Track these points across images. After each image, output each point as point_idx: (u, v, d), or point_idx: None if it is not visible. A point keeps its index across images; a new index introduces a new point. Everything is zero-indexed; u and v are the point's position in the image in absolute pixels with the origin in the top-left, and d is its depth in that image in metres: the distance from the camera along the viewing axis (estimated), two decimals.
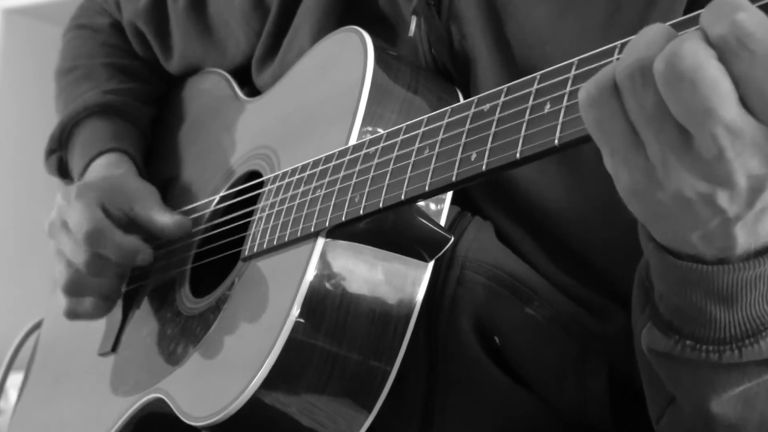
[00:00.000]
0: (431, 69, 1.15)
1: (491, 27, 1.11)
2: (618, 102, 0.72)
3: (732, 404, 0.84)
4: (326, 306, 1.02)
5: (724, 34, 0.66)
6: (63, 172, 1.50)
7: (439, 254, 1.06)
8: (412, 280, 1.05)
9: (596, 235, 1.05)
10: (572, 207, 1.06)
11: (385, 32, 1.18)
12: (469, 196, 1.10)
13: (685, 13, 0.96)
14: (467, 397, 1.08)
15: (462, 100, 1.11)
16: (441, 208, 1.06)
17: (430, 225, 1.04)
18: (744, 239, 0.75)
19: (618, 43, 0.78)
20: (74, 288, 1.28)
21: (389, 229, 1.03)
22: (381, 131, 1.05)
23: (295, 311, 1.01)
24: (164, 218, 1.29)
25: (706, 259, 0.78)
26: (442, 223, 1.06)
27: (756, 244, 0.76)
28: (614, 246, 1.03)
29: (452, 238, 1.05)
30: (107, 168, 1.39)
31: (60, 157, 1.49)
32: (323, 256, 1.03)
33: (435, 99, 1.11)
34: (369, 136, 1.04)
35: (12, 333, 1.57)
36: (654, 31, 0.70)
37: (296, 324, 1.01)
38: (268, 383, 1.01)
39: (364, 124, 1.07)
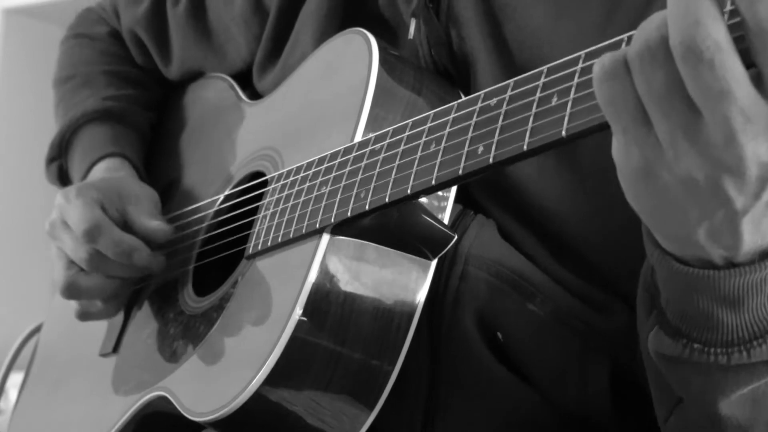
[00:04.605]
0: (432, 71, 1.15)
1: (489, 29, 1.12)
2: (629, 78, 0.73)
3: (740, 405, 0.84)
4: (330, 303, 1.02)
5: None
6: (63, 180, 1.50)
7: (443, 253, 1.06)
8: (415, 278, 1.05)
9: (596, 231, 1.06)
10: (572, 204, 1.06)
11: (386, 35, 1.19)
12: (471, 194, 1.11)
13: None
14: (469, 393, 1.09)
15: None
16: (445, 206, 1.07)
17: (434, 223, 1.05)
18: (750, 236, 0.75)
19: (625, 35, 0.79)
20: (70, 289, 1.28)
21: (394, 227, 1.04)
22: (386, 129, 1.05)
23: (299, 308, 1.01)
24: (148, 223, 1.29)
25: (713, 261, 0.78)
26: (446, 221, 1.07)
27: (762, 242, 0.76)
28: (614, 242, 1.04)
29: (456, 237, 1.06)
30: (107, 172, 1.40)
31: (60, 165, 1.49)
32: (327, 254, 1.03)
33: (438, 101, 1.12)
34: (374, 134, 1.05)
35: (13, 335, 1.57)
36: (665, 14, 0.71)
37: (300, 321, 1.01)
38: (271, 379, 1.01)
39: (368, 124, 1.07)
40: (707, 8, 0.68)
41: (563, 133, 0.81)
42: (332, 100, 1.14)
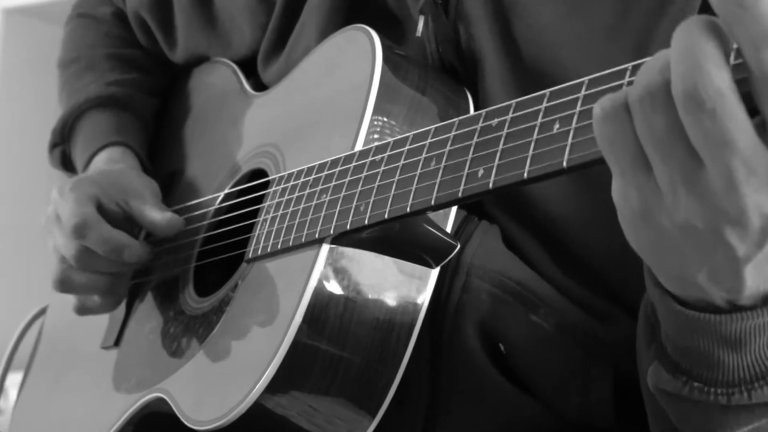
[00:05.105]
0: (438, 68, 1.13)
1: (498, 28, 1.09)
2: (630, 122, 0.71)
3: None
4: (329, 312, 1.01)
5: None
6: (67, 165, 1.49)
7: (445, 261, 1.05)
8: (416, 288, 1.04)
9: (602, 240, 1.04)
10: (578, 212, 1.05)
11: (393, 30, 1.17)
12: None
13: None
14: (471, 403, 1.08)
15: (470, 100, 1.11)
16: (447, 216, 1.05)
17: (436, 232, 1.03)
18: (753, 281, 0.73)
19: (630, 65, 0.77)
20: (62, 284, 1.27)
21: (395, 237, 1.02)
22: (388, 132, 1.04)
23: (299, 317, 1.00)
24: (155, 215, 1.27)
25: (714, 302, 0.76)
26: (448, 229, 1.05)
27: (765, 286, 0.74)
28: (620, 252, 1.01)
29: (458, 246, 1.04)
30: (108, 163, 1.38)
31: (63, 151, 1.48)
32: (327, 263, 1.02)
33: (442, 99, 1.10)
34: (376, 137, 1.03)
35: (11, 330, 1.57)
36: (668, 56, 0.68)
37: (300, 330, 1.00)
38: (271, 388, 1.00)
39: (371, 124, 1.06)
40: (710, 53, 0.66)
41: (564, 163, 0.79)
42: (335, 99, 1.12)
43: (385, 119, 1.06)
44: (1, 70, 2.62)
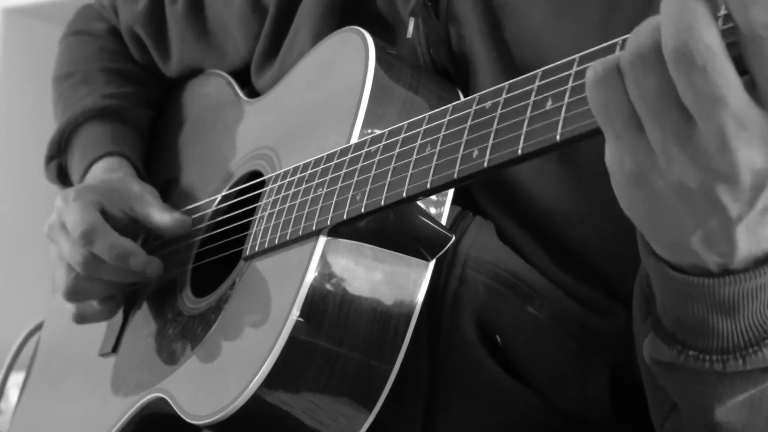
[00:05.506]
0: (431, 69, 1.15)
1: (489, 28, 1.11)
2: (622, 84, 0.72)
3: (737, 411, 0.84)
4: (327, 305, 1.02)
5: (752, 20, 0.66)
6: (63, 178, 1.49)
7: (441, 253, 1.06)
8: (413, 280, 1.05)
9: (597, 234, 1.05)
10: (573, 206, 1.06)
11: (384, 33, 1.18)
12: (470, 195, 1.10)
13: None
14: (469, 396, 1.08)
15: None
16: (442, 209, 1.06)
17: (431, 224, 1.04)
18: (745, 243, 0.74)
19: (620, 39, 0.78)
20: (74, 293, 1.28)
21: (391, 228, 1.03)
22: (382, 131, 1.05)
23: (296, 310, 1.01)
24: (164, 217, 1.28)
25: (708, 267, 0.77)
26: (444, 222, 1.06)
27: (756, 249, 0.75)
28: (614, 245, 1.03)
29: (453, 237, 1.05)
30: (105, 172, 1.39)
31: (59, 164, 1.49)
32: (324, 255, 1.03)
33: (436, 99, 1.11)
34: (370, 136, 1.04)
35: (13, 334, 1.57)
36: (658, 20, 0.70)
37: (297, 323, 1.01)
38: (269, 382, 1.01)
39: (365, 123, 1.07)
40: (700, 13, 0.67)
41: (557, 137, 0.81)
42: (329, 100, 1.14)
43: (378, 119, 1.07)
44: (1, 70, 2.63)
